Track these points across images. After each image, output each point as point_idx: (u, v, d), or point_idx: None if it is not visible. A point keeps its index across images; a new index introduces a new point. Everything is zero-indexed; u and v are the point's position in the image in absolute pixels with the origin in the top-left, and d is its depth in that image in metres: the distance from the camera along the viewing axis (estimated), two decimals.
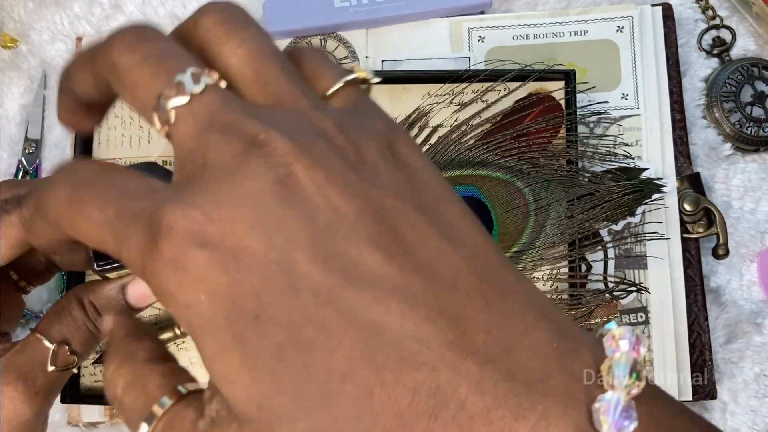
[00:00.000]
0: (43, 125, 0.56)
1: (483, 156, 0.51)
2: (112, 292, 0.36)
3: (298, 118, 0.22)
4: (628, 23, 0.55)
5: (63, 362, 0.34)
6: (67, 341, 0.34)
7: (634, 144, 0.53)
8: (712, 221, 0.53)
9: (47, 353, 0.34)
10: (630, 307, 0.52)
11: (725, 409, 0.52)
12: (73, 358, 0.34)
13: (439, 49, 0.55)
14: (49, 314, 0.35)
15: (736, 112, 0.55)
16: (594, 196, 0.50)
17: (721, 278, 0.54)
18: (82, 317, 0.35)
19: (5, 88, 0.57)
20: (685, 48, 0.57)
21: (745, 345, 0.53)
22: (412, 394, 0.19)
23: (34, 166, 0.55)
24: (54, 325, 0.34)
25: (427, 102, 0.53)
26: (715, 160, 0.55)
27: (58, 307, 0.35)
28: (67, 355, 0.34)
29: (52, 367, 0.33)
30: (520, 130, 0.52)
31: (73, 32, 0.57)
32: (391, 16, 0.55)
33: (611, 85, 0.54)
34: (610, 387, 0.19)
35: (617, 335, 0.20)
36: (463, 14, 0.56)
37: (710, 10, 0.57)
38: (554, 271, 0.50)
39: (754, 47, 0.57)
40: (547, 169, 0.51)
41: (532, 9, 0.57)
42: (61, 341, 0.34)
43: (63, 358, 0.34)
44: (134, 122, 0.53)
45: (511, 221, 0.51)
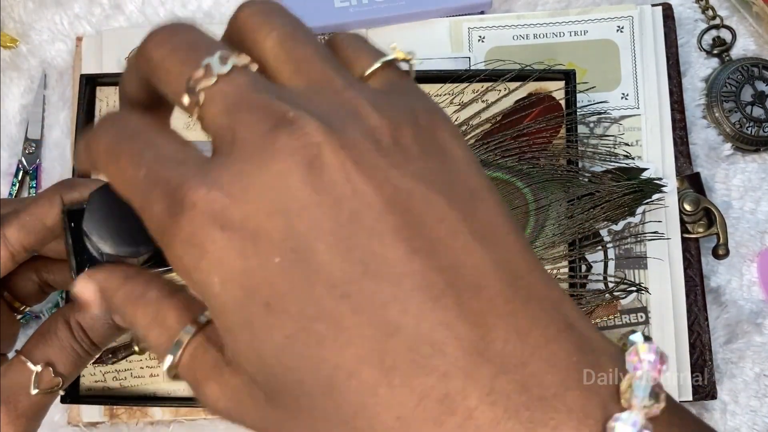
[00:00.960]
0: (43, 125, 0.56)
1: (483, 156, 0.51)
2: (98, 312, 0.35)
3: (330, 97, 0.21)
4: (628, 23, 0.55)
5: (47, 385, 0.33)
6: (51, 363, 0.33)
7: (634, 144, 0.53)
8: (712, 221, 0.53)
9: (30, 375, 0.33)
10: (630, 307, 0.52)
11: (725, 409, 0.52)
12: (57, 380, 0.34)
13: (439, 49, 0.55)
14: (35, 336, 0.34)
15: (736, 112, 0.55)
16: (594, 196, 0.50)
17: (721, 278, 0.54)
18: (68, 338, 0.34)
19: (5, 88, 0.57)
20: (685, 48, 0.57)
21: (745, 345, 0.53)
22: (419, 398, 0.18)
23: (34, 165, 0.55)
24: (39, 346, 0.34)
25: None
26: (715, 160, 0.55)
27: (44, 329, 0.34)
28: (51, 377, 0.33)
29: (35, 390, 0.33)
30: (520, 130, 0.52)
31: (73, 32, 0.57)
32: (391, 16, 0.55)
33: (611, 85, 0.54)
34: (628, 405, 0.19)
35: (641, 351, 0.19)
36: (463, 14, 0.56)
37: (710, 10, 0.57)
38: (554, 271, 0.50)
39: (754, 47, 0.57)
40: (547, 169, 0.51)
41: (532, 9, 0.57)
42: (46, 363, 0.33)
43: (47, 381, 0.33)
44: None
45: None
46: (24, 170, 0.55)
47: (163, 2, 0.57)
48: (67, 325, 0.34)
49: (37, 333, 0.35)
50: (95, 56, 0.56)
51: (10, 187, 0.55)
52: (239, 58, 0.21)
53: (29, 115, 0.56)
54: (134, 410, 0.51)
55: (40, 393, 0.33)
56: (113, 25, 0.57)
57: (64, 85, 0.57)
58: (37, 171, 0.56)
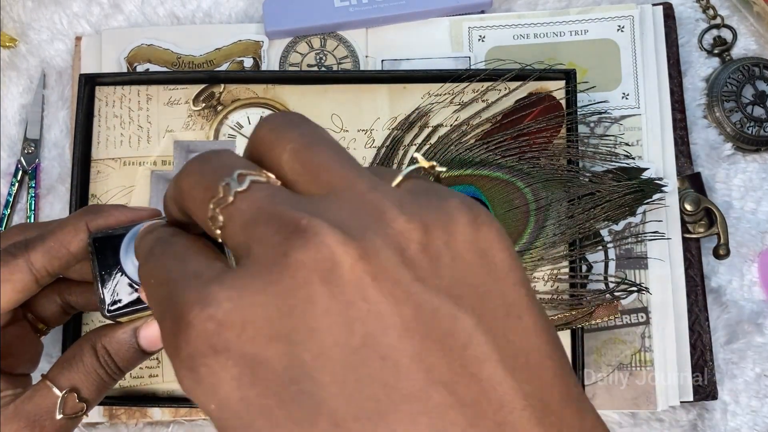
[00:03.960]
0: (42, 125, 0.56)
1: (483, 156, 0.51)
2: (124, 336, 0.35)
3: (352, 201, 0.19)
4: (628, 23, 0.54)
5: (71, 410, 0.34)
6: (76, 388, 0.34)
7: (635, 144, 0.53)
8: (712, 221, 0.53)
9: (56, 401, 0.33)
10: (631, 307, 0.51)
11: (726, 409, 0.52)
12: (81, 405, 0.34)
13: (440, 49, 0.55)
14: (60, 361, 0.35)
15: (737, 112, 0.55)
16: (594, 196, 0.50)
17: (722, 278, 0.54)
18: (94, 363, 0.34)
19: (4, 87, 0.57)
20: (685, 47, 0.56)
21: (746, 345, 0.53)
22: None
23: (33, 165, 0.55)
24: (64, 372, 0.34)
25: (427, 102, 0.52)
26: (715, 159, 0.55)
27: (70, 354, 0.35)
28: (75, 402, 0.34)
29: (60, 415, 0.33)
30: (520, 129, 0.51)
31: (72, 32, 0.57)
32: (391, 15, 0.55)
33: (612, 84, 0.54)
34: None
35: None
36: (464, 13, 0.55)
37: (711, 10, 0.57)
38: (555, 271, 0.50)
39: (755, 47, 0.57)
40: (547, 168, 0.51)
41: (533, 8, 0.57)
42: (71, 388, 0.34)
43: (71, 406, 0.34)
44: (133, 122, 0.53)
45: (511, 221, 0.51)
46: (23, 170, 0.55)
47: (162, 1, 0.57)
48: (93, 350, 0.35)
49: (63, 358, 0.35)
50: (94, 56, 0.55)
51: (9, 187, 0.55)
52: (258, 174, 0.20)
53: (28, 115, 0.56)
54: (133, 411, 0.51)
55: (64, 418, 0.34)
56: (112, 24, 0.57)
57: (63, 85, 0.57)
58: (36, 171, 0.55)
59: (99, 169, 0.52)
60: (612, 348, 0.51)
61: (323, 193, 0.20)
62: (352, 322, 0.17)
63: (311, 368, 0.17)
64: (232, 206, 0.20)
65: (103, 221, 0.35)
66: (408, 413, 0.17)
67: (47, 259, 0.34)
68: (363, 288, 0.17)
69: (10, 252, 0.34)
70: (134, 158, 0.52)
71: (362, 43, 0.55)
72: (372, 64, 0.55)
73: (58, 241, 0.34)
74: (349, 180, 0.20)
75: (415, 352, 0.17)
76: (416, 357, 0.17)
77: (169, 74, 0.54)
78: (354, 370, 0.17)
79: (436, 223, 0.19)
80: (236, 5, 0.57)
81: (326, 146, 0.21)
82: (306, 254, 0.18)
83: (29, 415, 0.33)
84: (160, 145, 0.53)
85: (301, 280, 0.17)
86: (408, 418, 0.17)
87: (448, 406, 0.17)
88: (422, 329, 0.17)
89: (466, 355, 0.17)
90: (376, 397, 0.17)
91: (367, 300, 0.17)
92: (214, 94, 0.53)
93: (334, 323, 0.17)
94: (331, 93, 0.53)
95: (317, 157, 0.21)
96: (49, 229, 0.35)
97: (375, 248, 0.18)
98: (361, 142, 0.52)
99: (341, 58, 0.55)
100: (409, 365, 0.17)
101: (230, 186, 0.20)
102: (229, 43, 0.55)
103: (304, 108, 0.53)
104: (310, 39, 0.56)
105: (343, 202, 0.19)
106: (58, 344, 0.50)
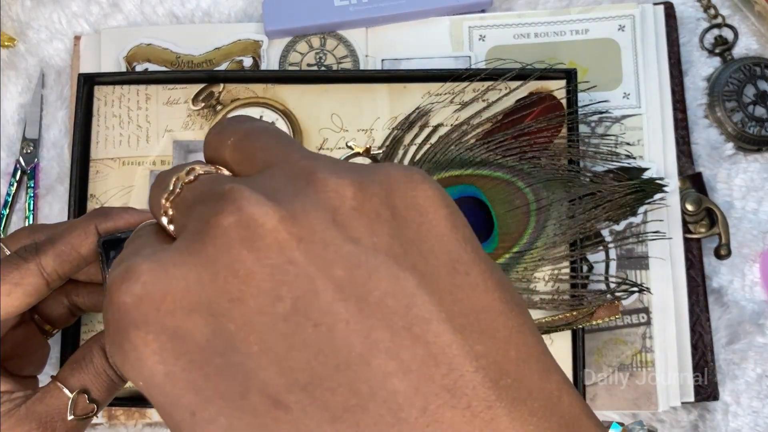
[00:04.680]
0: (41, 125, 0.56)
1: (484, 155, 0.51)
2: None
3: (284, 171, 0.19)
4: (629, 22, 0.54)
5: (82, 411, 0.34)
6: (86, 390, 0.34)
7: (636, 143, 0.53)
8: (714, 221, 0.52)
9: (67, 402, 0.33)
10: (632, 307, 0.51)
11: (727, 410, 0.52)
12: (92, 406, 0.34)
13: (440, 48, 0.55)
14: (70, 362, 0.35)
15: (738, 112, 0.55)
16: (595, 195, 0.50)
17: (724, 279, 0.54)
18: (103, 364, 0.34)
19: (3, 87, 0.57)
20: (686, 47, 0.56)
21: (748, 346, 0.52)
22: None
23: (32, 165, 0.55)
24: (74, 373, 0.34)
25: (427, 101, 0.52)
26: (717, 159, 0.55)
27: (79, 355, 0.35)
28: (86, 403, 0.34)
29: (71, 416, 0.33)
30: (521, 129, 0.51)
31: (71, 31, 0.57)
32: (391, 14, 0.54)
33: (613, 84, 0.54)
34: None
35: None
36: (464, 13, 0.55)
37: (712, 9, 0.57)
38: (555, 272, 0.50)
39: (756, 46, 0.57)
40: (548, 168, 0.51)
41: (533, 8, 0.57)
42: (81, 390, 0.34)
43: (82, 407, 0.34)
44: (132, 122, 0.52)
45: (512, 221, 0.51)
46: (22, 170, 0.55)
47: (161, 1, 0.57)
48: (102, 351, 0.35)
49: (72, 359, 0.35)
50: (93, 55, 0.55)
51: (8, 187, 0.55)
52: (207, 168, 0.20)
53: (27, 115, 0.56)
54: (132, 411, 0.51)
55: (75, 419, 0.34)
56: (111, 23, 0.57)
57: (62, 84, 0.57)
58: (35, 171, 0.55)
59: (98, 168, 0.52)
60: (613, 348, 0.51)
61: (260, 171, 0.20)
62: (278, 287, 0.16)
63: (237, 339, 0.16)
64: (178, 197, 0.20)
65: (113, 224, 0.35)
66: (346, 382, 0.16)
67: (58, 263, 0.34)
68: (288, 250, 0.16)
69: (22, 256, 0.34)
70: (133, 158, 0.52)
71: (362, 43, 0.55)
72: (372, 63, 0.55)
73: (69, 245, 0.34)
74: (285, 155, 0.19)
75: (351, 316, 0.16)
76: (352, 321, 0.16)
77: (169, 74, 0.53)
78: (284, 338, 0.16)
79: (371, 181, 0.18)
80: (235, 4, 0.57)
81: (264, 133, 0.21)
82: (225, 218, 0.17)
83: (41, 417, 0.33)
84: (159, 145, 0.52)
85: (221, 246, 0.17)
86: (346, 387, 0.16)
87: (389, 375, 0.16)
88: (358, 291, 0.16)
89: (409, 316, 0.16)
90: (311, 366, 0.16)
91: (294, 263, 0.16)
92: (214, 93, 0.53)
93: (259, 289, 0.16)
94: (330, 92, 0.53)
95: (255, 142, 0.20)
96: (58, 233, 0.35)
97: (303, 210, 0.17)
98: (361, 142, 0.52)
99: (341, 57, 0.55)
100: (345, 330, 0.16)
101: (179, 180, 0.20)
102: (229, 43, 0.55)
103: (303, 107, 0.52)
104: (309, 38, 0.55)
105: (276, 174, 0.19)
106: (57, 345, 0.50)
